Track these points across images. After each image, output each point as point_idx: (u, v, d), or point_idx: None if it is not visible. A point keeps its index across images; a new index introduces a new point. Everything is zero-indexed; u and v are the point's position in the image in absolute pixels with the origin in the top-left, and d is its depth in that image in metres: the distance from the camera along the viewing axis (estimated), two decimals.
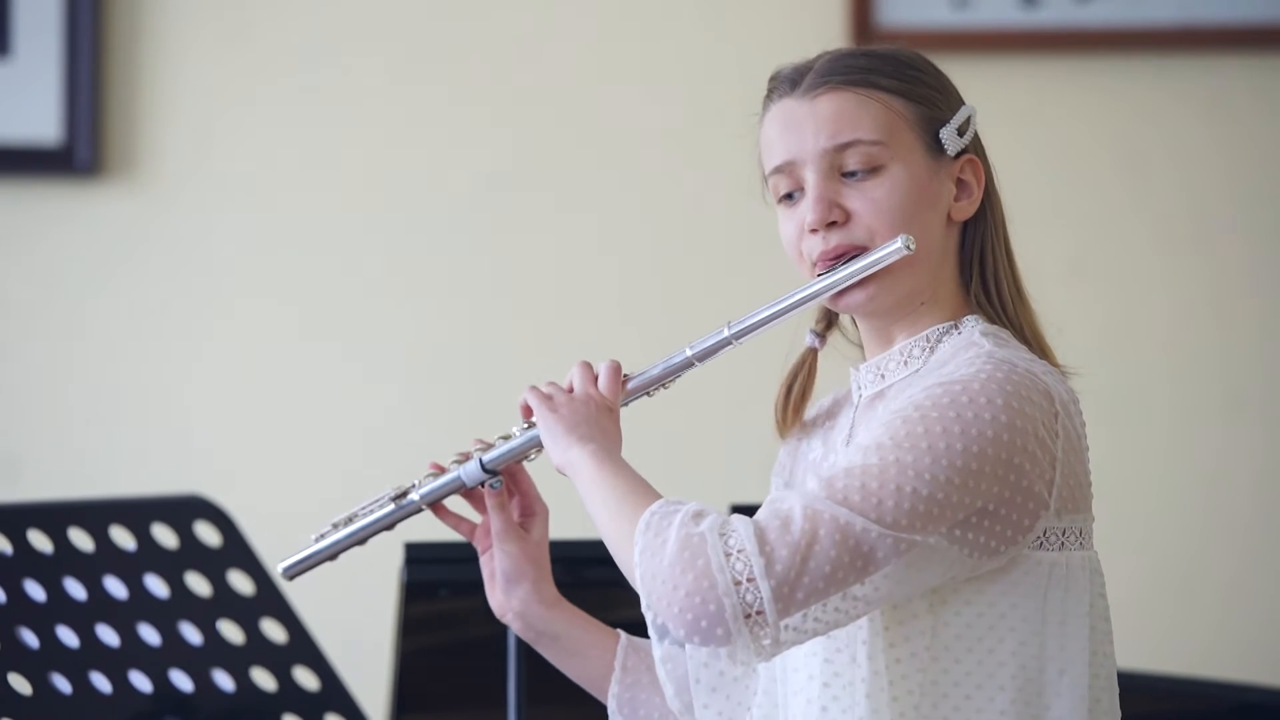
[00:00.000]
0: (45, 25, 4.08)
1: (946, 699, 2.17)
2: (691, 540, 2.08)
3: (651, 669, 2.44)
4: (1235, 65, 4.13)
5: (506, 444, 2.39)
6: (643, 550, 2.10)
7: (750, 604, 2.06)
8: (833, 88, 2.30)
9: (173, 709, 1.97)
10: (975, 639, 2.18)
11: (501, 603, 2.45)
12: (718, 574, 2.06)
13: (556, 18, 4.18)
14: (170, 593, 1.93)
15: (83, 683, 2.00)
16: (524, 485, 2.46)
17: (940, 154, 2.31)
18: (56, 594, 1.97)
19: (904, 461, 2.10)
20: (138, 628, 1.96)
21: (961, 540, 2.12)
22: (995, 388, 2.16)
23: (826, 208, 2.27)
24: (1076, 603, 2.21)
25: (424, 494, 2.41)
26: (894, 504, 2.09)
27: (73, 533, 1.95)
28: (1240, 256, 4.14)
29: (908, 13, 4.08)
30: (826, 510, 2.08)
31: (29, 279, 4.13)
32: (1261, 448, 4.13)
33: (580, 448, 2.25)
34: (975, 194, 2.33)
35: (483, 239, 4.15)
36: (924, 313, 2.31)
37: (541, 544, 2.46)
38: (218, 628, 1.93)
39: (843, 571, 2.07)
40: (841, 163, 2.28)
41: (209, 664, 1.95)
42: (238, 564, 1.90)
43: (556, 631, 2.45)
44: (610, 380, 2.34)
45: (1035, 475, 2.16)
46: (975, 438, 2.12)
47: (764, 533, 2.07)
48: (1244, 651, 4.07)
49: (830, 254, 2.28)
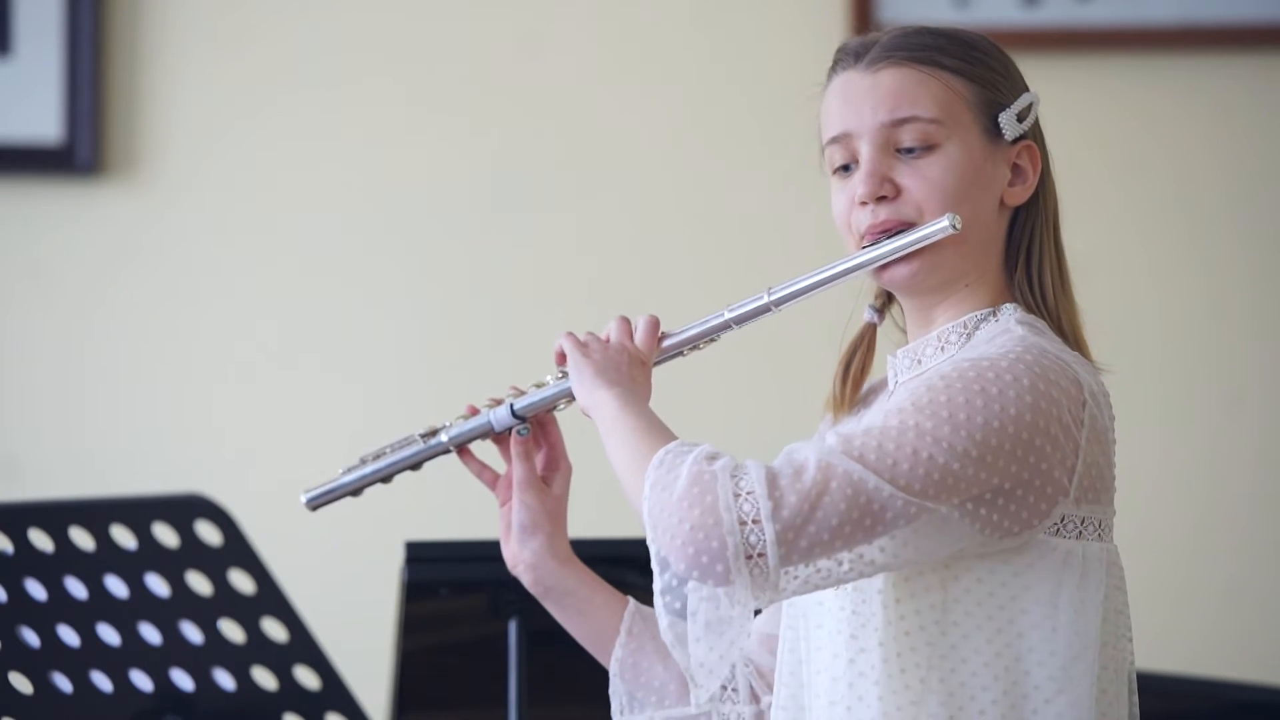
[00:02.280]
0: (46, 25, 4.09)
1: (954, 673, 2.17)
2: (702, 477, 2.08)
3: (657, 638, 2.43)
4: (1236, 65, 4.14)
5: (539, 391, 2.40)
6: (653, 484, 2.10)
7: (753, 545, 2.06)
8: (895, 63, 2.30)
9: (173, 708, 1.98)
10: (985, 617, 2.17)
11: (514, 554, 2.45)
12: (724, 512, 2.06)
13: (556, 18, 4.18)
14: (171, 592, 1.94)
15: (84, 682, 2.00)
16: (552, 437, 2.47)
17: (998, 137, 2.32)
18: (57, 593, 1.98)
19: (924, 427, 2.10)
20: (139, 627, 1.96)
21: (974, 515, 2.12)
22: (1023, 368, 2.16)
23: (878, 182, 2.27)
24: (1092, 593, 2.20)
25: (452, 435, 2.42)
26: (909, 467, 2.09)
27: (74, 532, 1.95)
28: (1239, 256, 4.14)
29: (908, 12, 4.08)
30: (841, 464, 2.08)
31: (29, 278, 4.14)
32: (1259, 446, 4.13)
33: (607, 390, 2.25)
34: (1030, 180, 2.34)
35: (484, 238, 4.15)
36: (966, 296, 2.30)
37: (561, 499, 2.46)
38: (218, 627, 1.94)
39: (850, 527, 2.07)
40: (897, 138, 2.28)
41: (210, 663, 1.95)
42: (238, 563, 1.90)
43: (567, 587, 2.45)
44: (647, 334, 2.35)
45: (1056, 460, 2.16)
46: (998, 414, 2.12)
47: (775, 478, 2.07)
48: (1242, 650, 4.07)
49: (877, 228, 2.27)
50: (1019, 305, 2.31)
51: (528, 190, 4.16)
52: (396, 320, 4.16)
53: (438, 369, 4.14)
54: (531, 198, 4.16)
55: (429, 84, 4.17)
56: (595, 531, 2.67)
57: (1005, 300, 2.31)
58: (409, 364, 4.15)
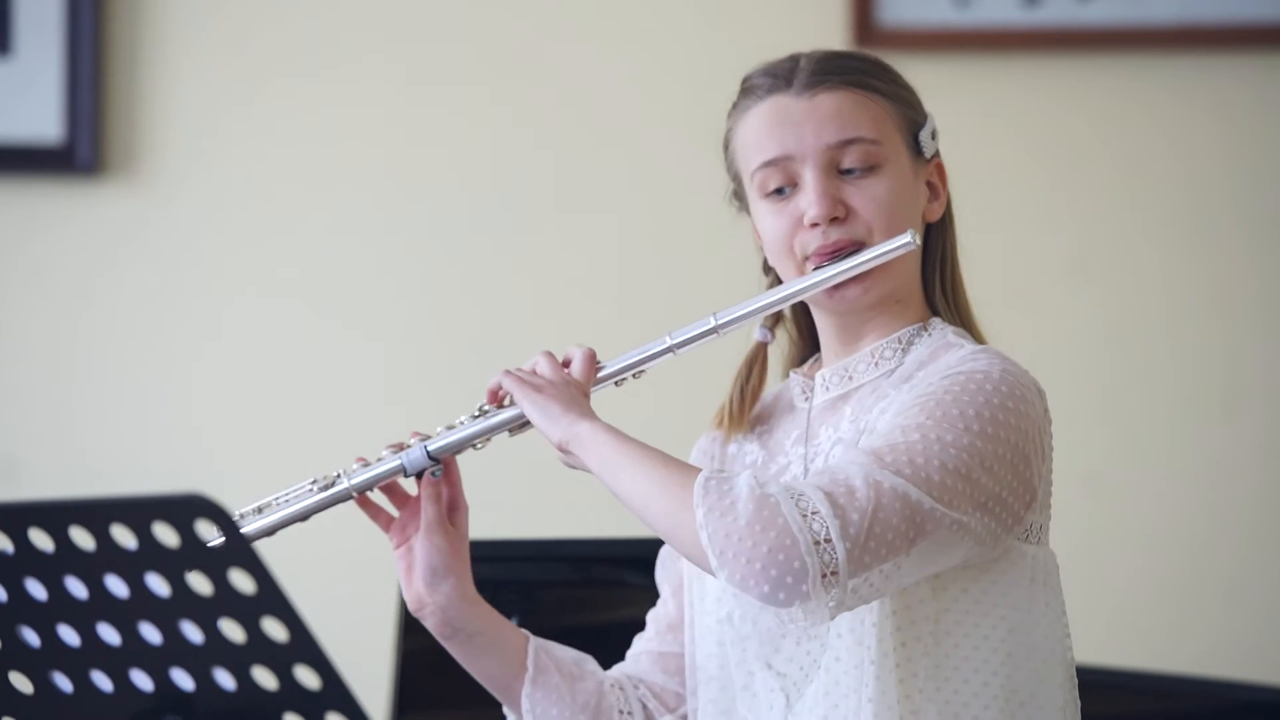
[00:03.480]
0: (46, 24, 4.08)
1: (948, 681, 2.22)
2: (768, 502, 2.11)
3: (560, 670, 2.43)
4: (1236, 64, 4.13)
5: (453, 432, 2.38)
6: (708, 512, 2.12)
7: (827, 564, 2.10)
8: (831, 86, 2.34)
9: (174, 707, 1.97)
10: (972, 625, 2.23)
11: (420, 596, 2.42)
12: (799, 534, 2.09)
13: (557, 19, 4.18)
14: (171, 591, 1.93)
15: (84, 681, 2.00)
16: (454, 478, 2.45)
17: (919, 156, 2.37)
18: (57, 593, 1.97)
19: (945, 440, 2.16)
20: (139, 626, 1.95)
21: (980, 522, 2.17)
22: (1013, 380, 2.22)
23: (831, 203, 2.30)
24: (1053, 594, 2.28)
25: (356, 483, 2.38)
26: (940, 479, 2.14)
27: (74, 531, 1.95)
28: (1241, 255, 4.14)
29: (909, 12, 4.08)
30: (886, 480, 2.13)
31: (30, 278, 4.14)
32: (1263, 447, 4.13)
33: (589, 423, 2.26)
34: (943, 196, 2.39)
35: (485, 238, 4.15)
36: (895, 313, 2.35)
37: (465, 539, 2.45)
38: (219, 626, 1.93)
39: (900, 539, 2.12)
40: (839, 159, 2.32)
41: (210, 663, 1.94)
42: (239, 563, 1.90)
43: (475, 629, 2.43)
44: (586, 366, 2.36)
45: (1035, 469, 2.23)
46: (1003, 424, 2.19)
47: (834, 497, 2.12)
48: (1246, 650, 4.07)
49: (829, 248, 2.31)
50: (943, 320, 2.36)
51: (527, 192, 4.16)
52: (396, 321, 4.16)
53: (436, 368, 4.14)
54: (531, 200, 4.16)
55: (429, 84, 4.17)
56: (597, 531, 2.67)
57: (927, 315, 2.37)
58: (408, 363, 4.15)
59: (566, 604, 3.04)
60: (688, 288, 4.12)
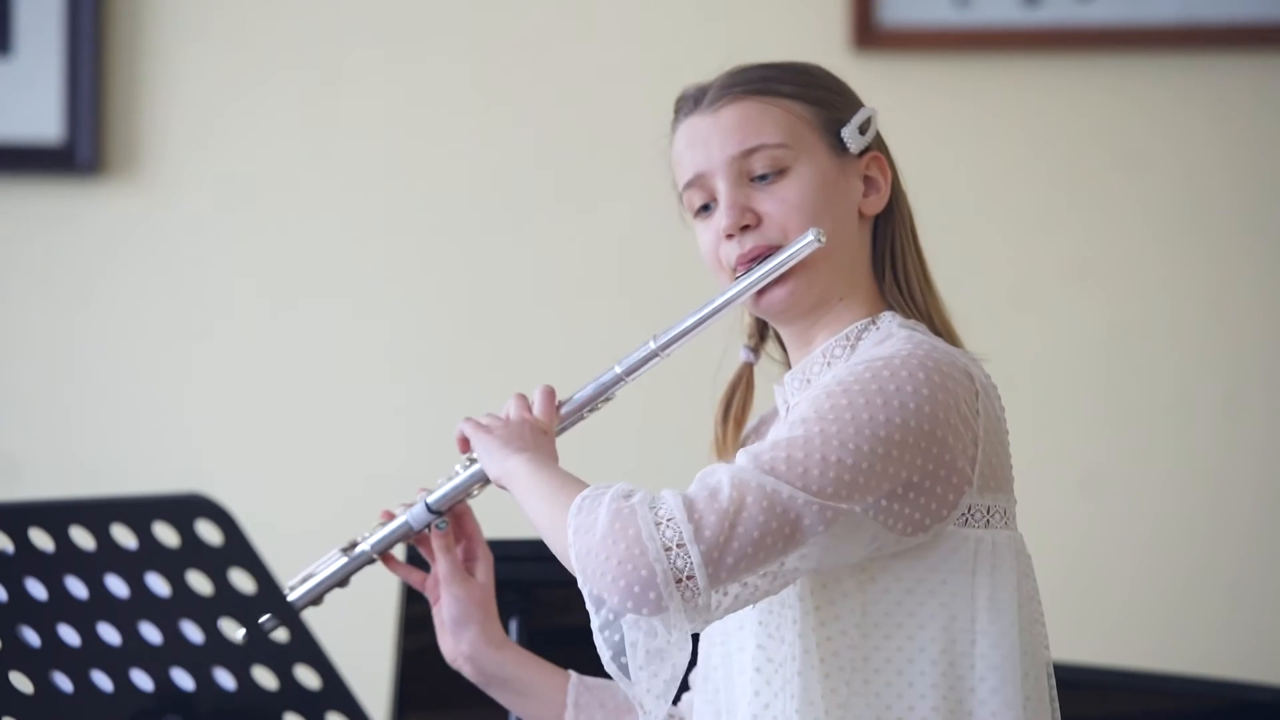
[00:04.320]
0: (46, 23, 4.08)
1: (878, 674, 2.20)
2: (622, 513, 2.12)
3: (605, 705, 2.47)
4: (1237, 64, 4.14)
5: (449, 482, 2.42)
6: (576, 530, 2.14)
7: (681, 569, 2.09)
8: (733, 98, 2.36)
9: (174, 707, 1.97)
10: (906, 614, 2.21)
11: (451, 648, 2.48)
12: (648, 542, 2.10)
13: (557, 17, 4.18)
14: (171, 591, 1.93)
15: (84, 681, 2.00)
16: (469, 528, 2.49)
17: (844, 152, 2.36)
18: (58, 592, 1.97)
19: (829, 432, 2.15)
20: (139, 626, 1.96)
21: (887, 512, 2.16)
22: (916, 363, 2.20)
23: (739, 212, 2.33)
24: (1004, 580, 2.23)
25: (374, 544, 2.43)
26: (819, 473, 2.13)
27: (74, 531, 1.95)
28: (1243, 256, 4.14)
29: (909, 12, 4.08)
30: (754, 479, 2.12)
31: (29, 278, 4.13)
32: (1265, 446, 4.13)
33: (516, 457, 2.29)
34: (883, 189, 2.39)
35: (486, 237, 4.15)
36: (842, 311, 2.35)
37: (487, 587, 2.49)
38: (219, 626, 1.93)
39: (771, 538, 2.11)
40: (749, 168, 2.34)
41: (210, 662, 1.95)
42: (239, 563, 1.90)
43: (507, 674, 2.47)
44: (545, 404, 2.38)
45: (959, 450, 2.20)
46: (898, 409, 2.17)
47: (693, 502, 2.12)
48: (1246, 650, 4.07)
49: (746, 256, 2.34)
50: (896, 313, 2.35)
51: (527, 192, 4.16)
52: (396, 320, 4.16)
53: (437, 368, 4.14)
54: (532, 200, 4.15)
55: (429, 84, 4.17)
56: None
57: (880, 309, 2.36)
58: (408, 363, 4.15)
59: (566, 604, 3.03)
60: (688, 286, 4.11)
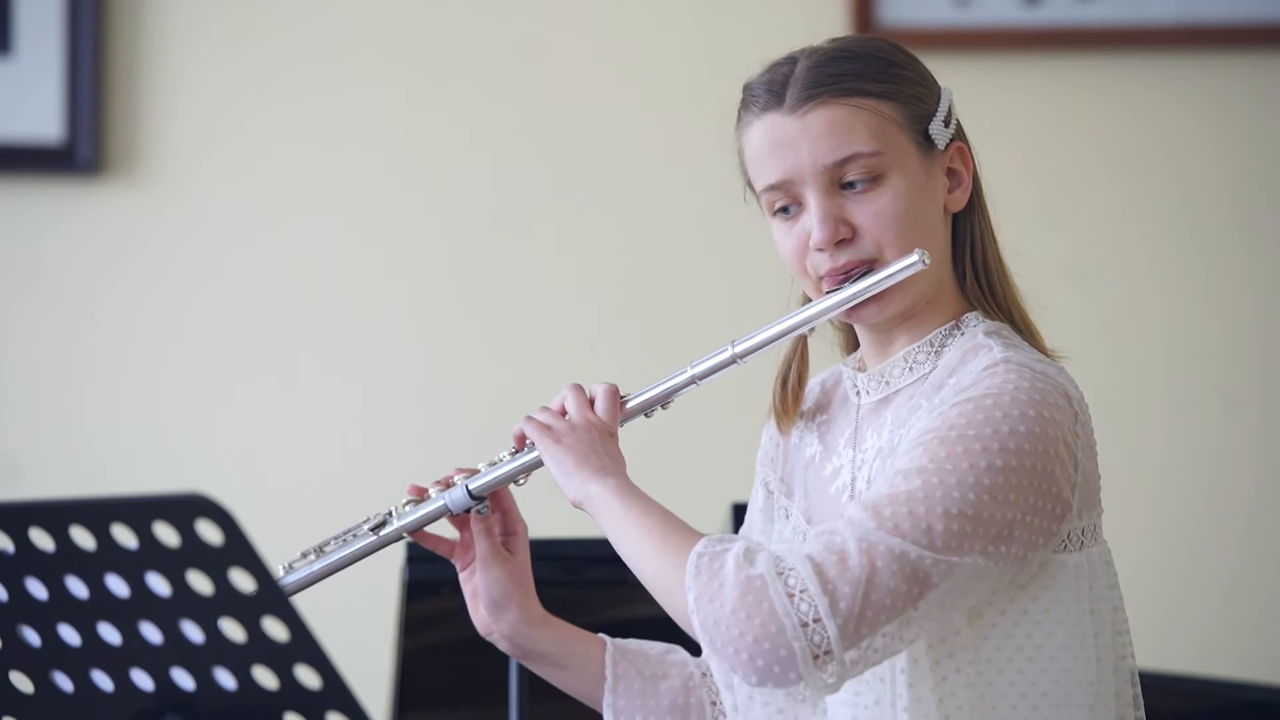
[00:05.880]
0: (47, 23, 4.09)
1: (995, 710, 2.17)
2: (753, 584, 2.06)
3: (642, 673, 2.43)
4: (1236, 64, 4.14)
5: (495, 470, 2.37)
6: (698, 596, 2.08)
7: (818, 644, 2.05)
8: (821, 101, 2.26)
9: (174, 707, 1.97)
10: (1015, 648, 2.17)
11: (487, 623, 2.44)
12: (784, 618, 2.04)
13: (557, 19, 4.18)
14: (172, 591, 1.93)
15: (84, 681, 2.00)
16: (506, 504, 2.44)
17: (931, 149, 2.29)
18: (58, 592, 1.97)
19: (948, 484, 2.09)
20: (139, 626, 1.96)
21: (998, 555, 2.11)
22: (1025, 398, 2.15)
23: (834, 226, 2.25)
24: (1101, 598, 2.22)
25: (406, 524, 2.40)
26: (943, 527, 2.08)
27: (74, 531, 1.95)
28: (1239, 255, 4.15)
29: (909, 11, 4.09)
30: (881, 542, 2.07)
31: (30, 278, 4.14)
32: (1259, 446, 4.13)
33: (599, 482, 2.24)
34: (966, 183, 2.32)
35: (486, 238, 4.15)
36: (926, 314, 2.30)
37: (525, 564, 2.45)
38: (219, 626, 1.93)
39: (901, 600, 2.06)
40: (841, 176, 2.25)
41: (210, 662, 1.95)
42: (239, 562, 1.90)
43: (544, 649, 2.44)
44: (609, 404, 2.33)
45: (1063, 481, 2.16)
46: (1014, 451, 2.12)
47: (823, 570, 2.06)
48: (1243, 649, 4.07)
49: (839, 271, 2.26)
50: (979, 313, 2.30)
51: (527, 192, 4.16)
52: (396, 320, 4.16)
53: (437, 369, 4.15)
54: (531, 200, 4.16)
55: (429, 84, 4.17)
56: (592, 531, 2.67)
57: (962, 309, 2.31)
58: (408, 363, 4.15)
59: (566, 604, 3.04)
60: (688, 286, 4.12)
